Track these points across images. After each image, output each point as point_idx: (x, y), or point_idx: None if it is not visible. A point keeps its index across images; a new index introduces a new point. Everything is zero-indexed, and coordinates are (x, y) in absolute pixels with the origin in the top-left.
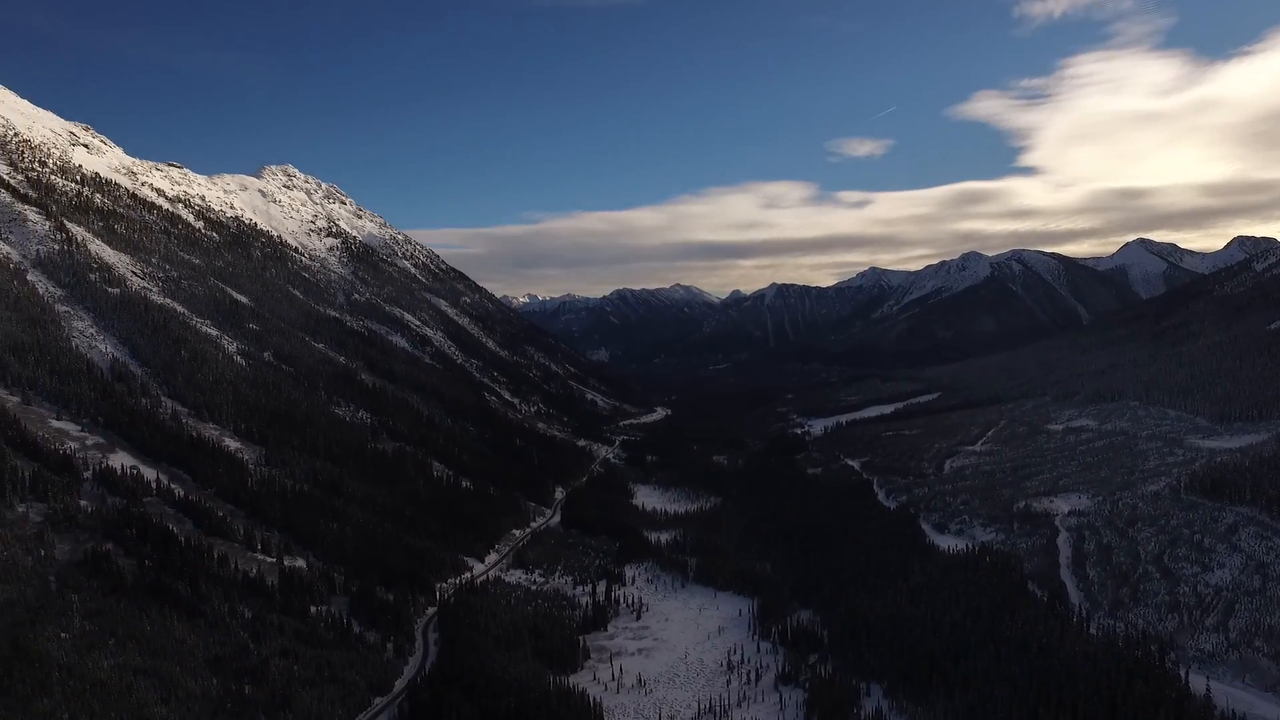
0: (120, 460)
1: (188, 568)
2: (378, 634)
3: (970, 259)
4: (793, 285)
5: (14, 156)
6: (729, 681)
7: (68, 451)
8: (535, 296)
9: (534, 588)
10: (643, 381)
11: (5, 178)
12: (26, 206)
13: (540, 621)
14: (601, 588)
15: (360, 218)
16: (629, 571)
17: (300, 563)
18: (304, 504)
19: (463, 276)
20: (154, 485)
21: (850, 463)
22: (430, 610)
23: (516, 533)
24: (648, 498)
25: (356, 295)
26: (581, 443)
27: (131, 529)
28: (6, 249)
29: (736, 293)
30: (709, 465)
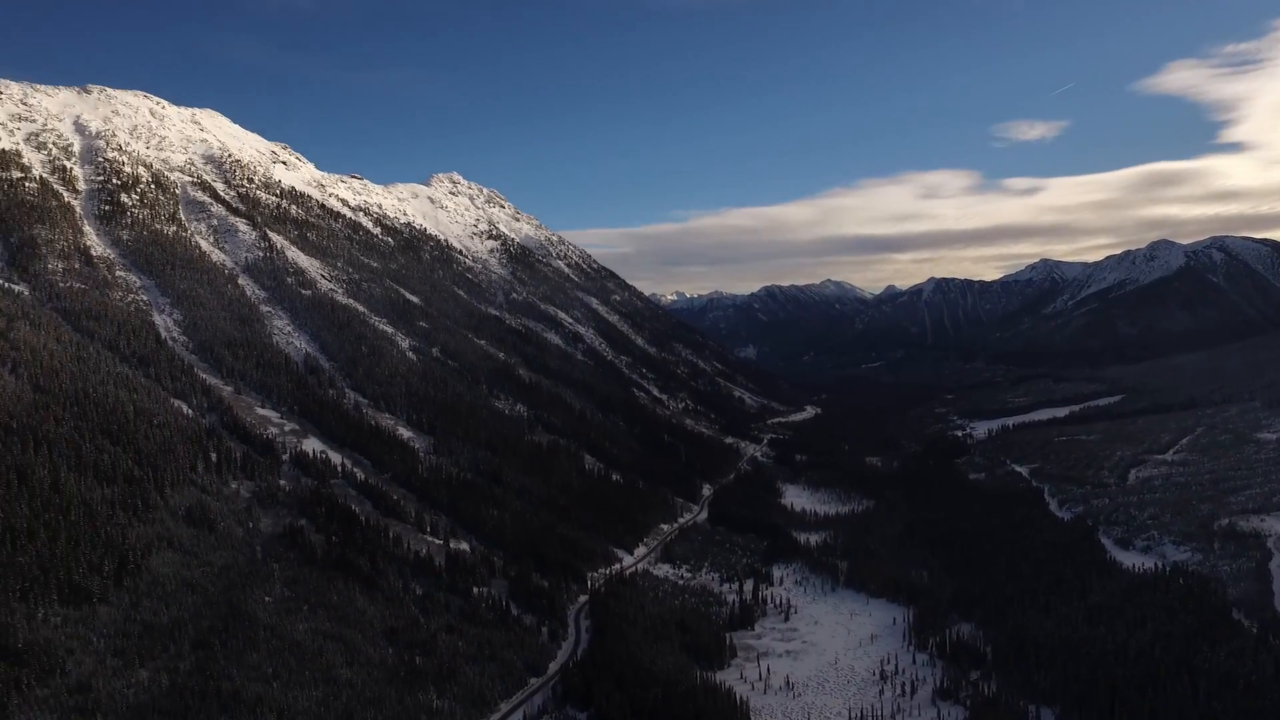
0: (311, 445)
1: (368, 545)
2: (533, 617)
3: (1160, 247)
4: (953, 279)
5: (228, 175)
6: (881, 692)
7: (270, 436)
8: (683, 294)
9: (681, 582)
10: (791, 379)
11: (221, 194)
12: (237, 219)
13: (687, 616)
14: (749, 586)
15: (518, 220)
16: (777, 572)
17: (464, 546)
18: (467, 491)
19: (613, 275)
20: (339, 469)
21: (1017, 469)
22: (582, 598)
23: (664, 527)
24: (796, 497)
25: (514, 294)
26: (729, 440)
27: (321, 508)
28: (222, 256)
29: (891, 288)
30: (861, 466)
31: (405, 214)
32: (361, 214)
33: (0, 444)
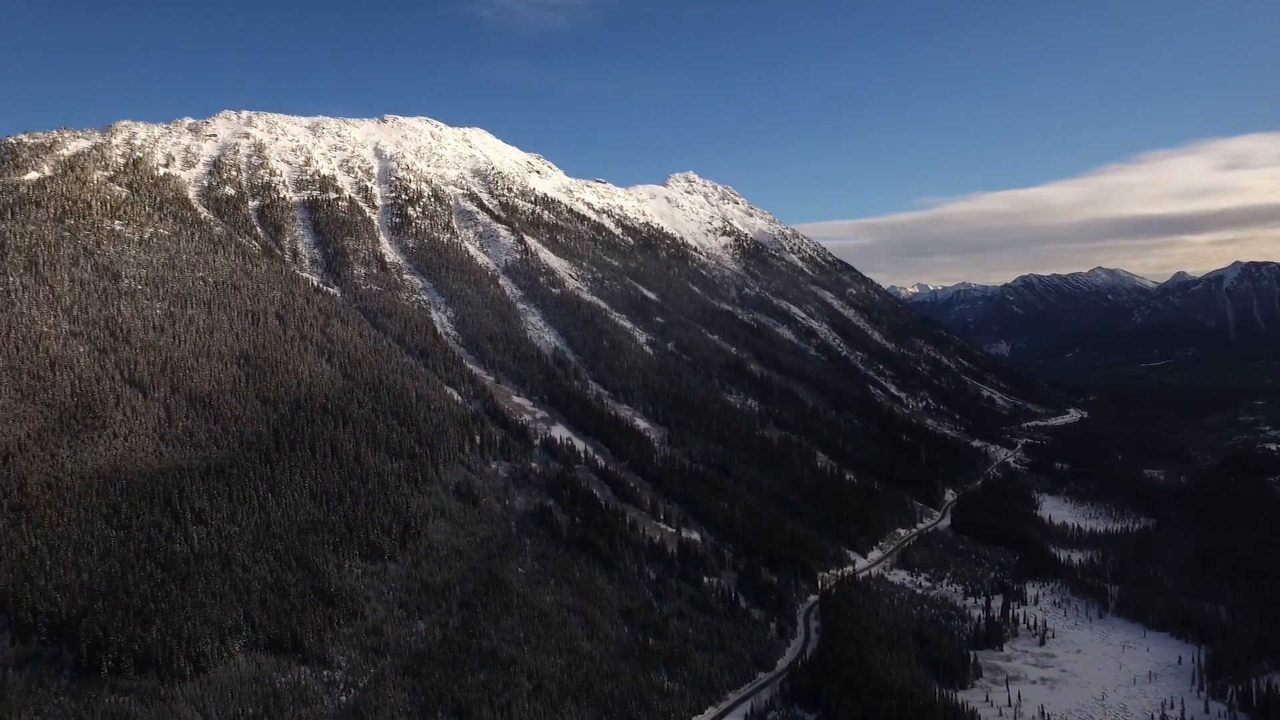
0: (559, 432)
1: (607, 528)
2: (762, 612)
3: None
4: (1266, 263)
5: (491, 186)
6: None
7: (524, 422)
8: (925, 286)
9: (919, 591)
10: (1050, 378)
11: (486, 203)
12: (499, 225)
13: (926, 628)
14: (997, 603)
15: (751, 215)
16: (1031, 590)
17: (695, 535)
18: (699, 482)
19: (848, 268)
20: (583, 455)
21: None
22: (811, 598)
23: (901, 532)
24: (1056, 510)
25: (747, 289)
26: (976, 443)
27: (566, 490)
28: (486, 259)
29: (1180, 275)
30: (1138, 480)
31: (644, 214)
32: (604, 216)
33: (319, 421)
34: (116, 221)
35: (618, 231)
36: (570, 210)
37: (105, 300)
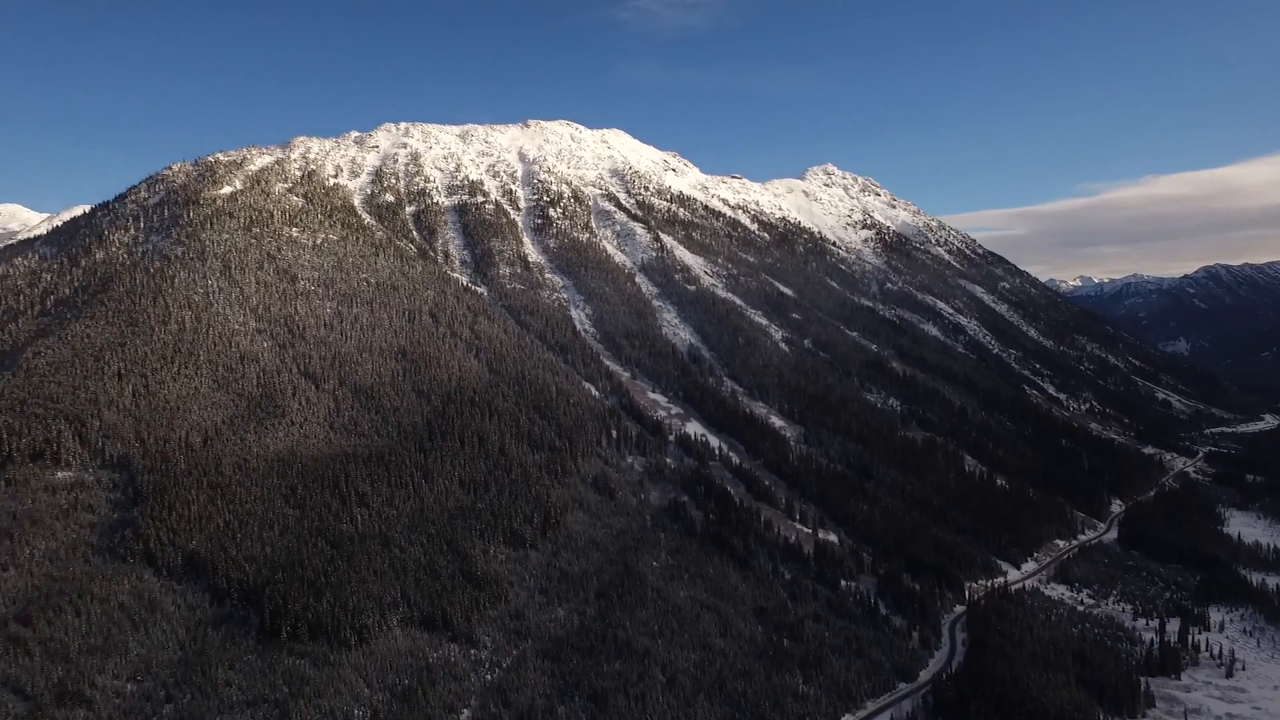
0: (693, 428)
1: (741, 526)
2: (903, 620)
3: None
4: None
5: (628, 185)
6: None
7: (659, 418)
8: (1089, 279)
9: (1081, 609)
10: (1240, 380)
11: (623, 203)
12: (636, 224)
13: (1088, 649)
14: (1173, 626)
15: (894, 207)
16: (1215, 615)
17: (832, 537)
18: (836, 482)
19: (1001, 260)
20: (717, 452)
21: None
22: (958, 608)
23: (1060, 543)
24: (1246, 527)
25: (889, 284)
26: (1148, 450)
27: (700, 486)
28: (623, 257)
29: None
30: None
31: (780, 209)
32: (740, 212)
33: (467, 414)
34: (294, 228)
35: (753, 227)
36: (705, 207)
37: (285, 300)
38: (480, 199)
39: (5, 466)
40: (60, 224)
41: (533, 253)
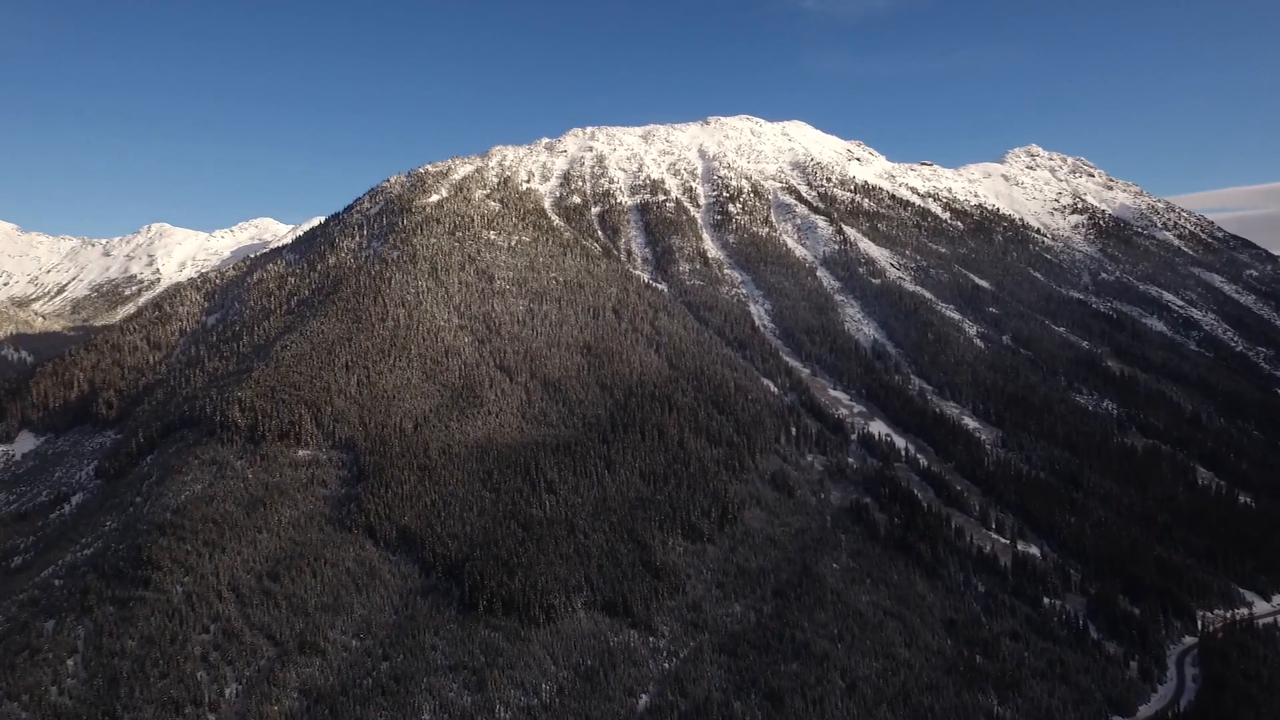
0: (877, 428)
1: (929, 532)
2: (1118, 646)
3: None
4: None
5: (810, 177)
6: None
7: (840, 416)
8: None
9: None
10: None
11: (804, 195)
12: (817, 216)
13: None
14: None
15: (1110, 189)
16: None
17: (1033, 550)
18: (1039, 491)
19: (1247, 244)
20: (903, 453)
21: None
22: (1187, 639)
23: None
24: None
25: (1103, 274)
26: None
27: (884, 488)
28: (803, 251)
29: None
30: None
31: (976, 195)
32: (930, 200)
33: (648, 407)
34: (491, 231)
35: (945, 216)
36: (892, 197)
37: (483, 298)
38: (661, 197)
39: (260, 444)
40: (302, 233)
41: (712, 249)
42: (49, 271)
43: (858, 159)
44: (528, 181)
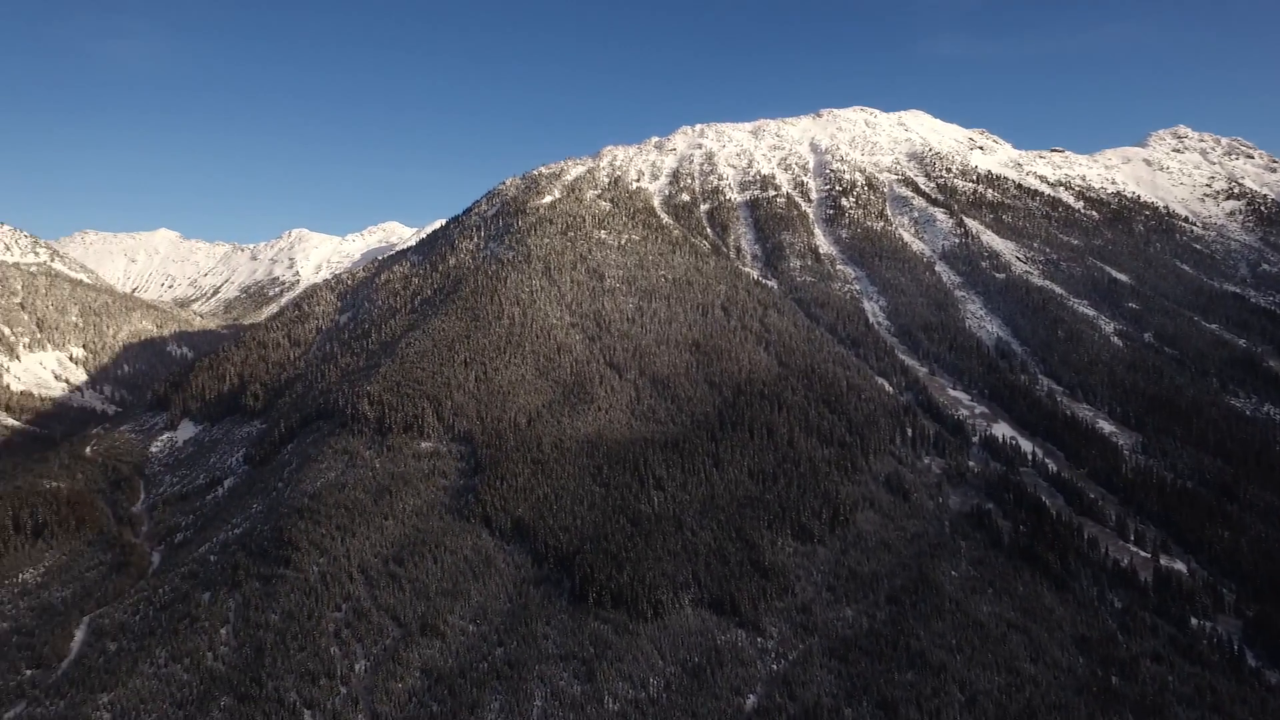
0: (1000, 430)
1: (1057, 541)
2: None
3: None
4: None
5: (928, 168)
6: None
7: (960, 417)
8: None
9: None
10: None
11: (922, 187)
12: (935, 209)
13: None
14: None
15: (1274, 171)
16: None
17: (1178, 566)
18: (1186, 502)
19: None
20: (1029, 457)
21: None
22: None
23: None
24: None
25: (1264, 266)
26: None
27: (1009, 494)
28: (921, 245)
29: None
30: None
31: (1113, 182)
32: (1061, 189)
33: (756, 406)
34: (602, 231)
35: (1078, 205)
36: (1019, 186)
37: (594, 297)
38: (771, 193)
39: (386, 435)
40: (425, 236)
41: (823, 244)
42: (205, 275)
43: (980, 147)
44: (637, 181)
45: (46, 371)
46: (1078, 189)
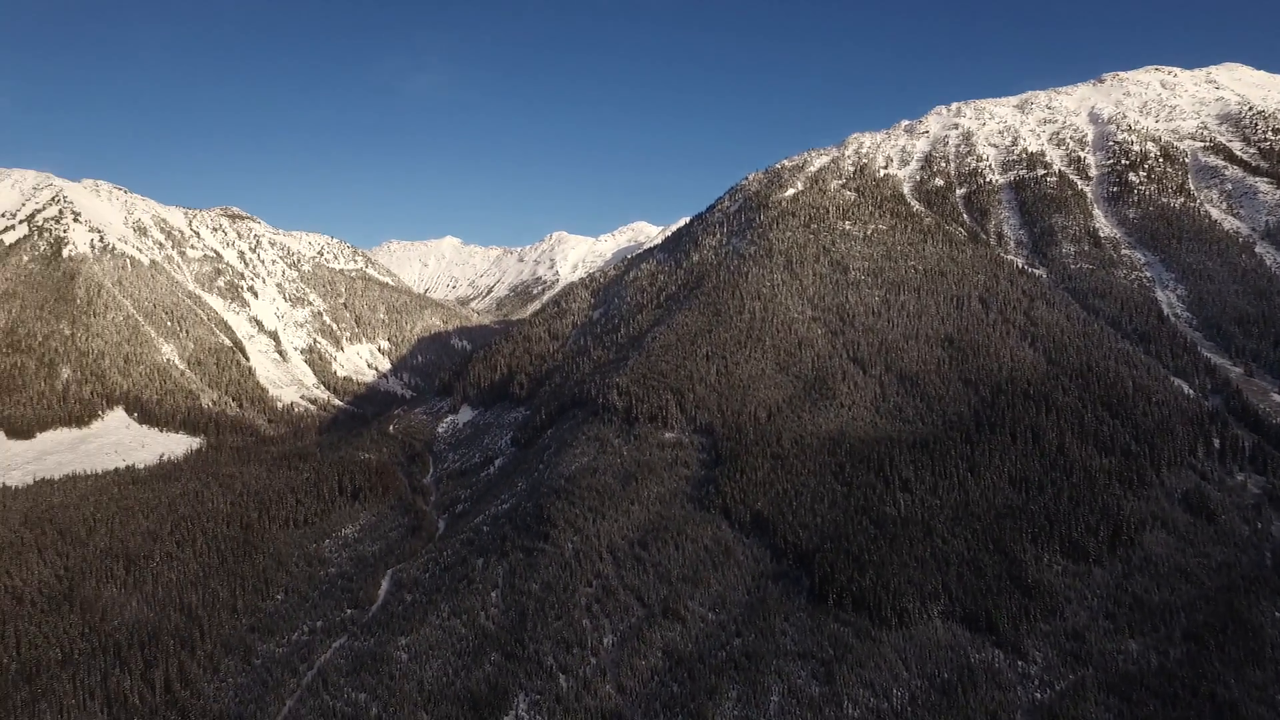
0: None
1: None
2: None
3: None
4: None
5: (1245, 131)
6: None
7: None
8: None
9: None
10: None
11: (1237, 154)
12: (1257, 179)
13: None
14: None
15: None
16: None
17: None
18: None
19: None
20: None
21: None
22: None
23: None
24: None
25: None
26: None
27: None
28: (1234, 223)
29: None
30: None
31: None
32: None
33: (1019, 407)
34: (846, 222)
35: None
36: None
37: (837, 290)
38: (1040, 171)
39: (633, 425)
40: (670, 234)
41: (1104, 226)
42: (481, 276)
43: None
44: (885, 168)
45: (361, 360)
46: None
